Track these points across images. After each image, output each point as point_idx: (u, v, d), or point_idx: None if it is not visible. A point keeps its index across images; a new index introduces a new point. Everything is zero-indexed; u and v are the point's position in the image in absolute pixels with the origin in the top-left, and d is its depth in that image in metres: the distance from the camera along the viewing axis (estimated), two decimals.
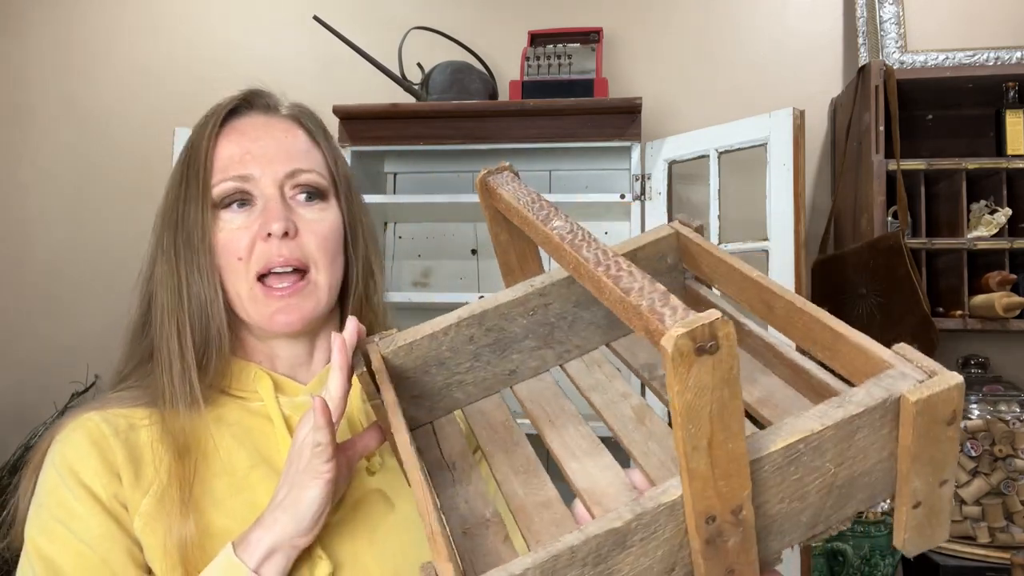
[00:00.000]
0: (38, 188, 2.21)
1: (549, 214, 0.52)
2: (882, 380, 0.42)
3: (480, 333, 0.59)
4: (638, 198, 1.70)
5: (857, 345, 0.45)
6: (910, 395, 0.40)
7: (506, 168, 0.61)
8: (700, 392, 0.35)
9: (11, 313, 2.19)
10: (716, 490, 0.38)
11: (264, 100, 0.79)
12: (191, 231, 0.72)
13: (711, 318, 0.34)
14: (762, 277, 0.53)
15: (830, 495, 0.42)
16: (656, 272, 0.61)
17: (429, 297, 1.82)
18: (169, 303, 0.72)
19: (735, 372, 0.35)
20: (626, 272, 0.41)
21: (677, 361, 0.34)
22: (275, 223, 0.71)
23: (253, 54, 2.15)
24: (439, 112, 1.73)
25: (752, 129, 1.58)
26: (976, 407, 1.63)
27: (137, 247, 2.20)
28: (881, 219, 1.66)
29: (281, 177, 0.74)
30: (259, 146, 0.74)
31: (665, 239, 0.61)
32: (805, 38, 1.97)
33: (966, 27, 1.88)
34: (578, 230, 0.48)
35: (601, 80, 1.74)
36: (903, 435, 0.41)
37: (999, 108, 1.76)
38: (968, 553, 1.57)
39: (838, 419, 0.40)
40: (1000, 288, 1.62)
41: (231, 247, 0.72)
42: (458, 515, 0.52)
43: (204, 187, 0.72)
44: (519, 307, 0.60)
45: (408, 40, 1.89)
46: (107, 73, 2.21)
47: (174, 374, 0.70)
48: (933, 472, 0.43)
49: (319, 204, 0.76)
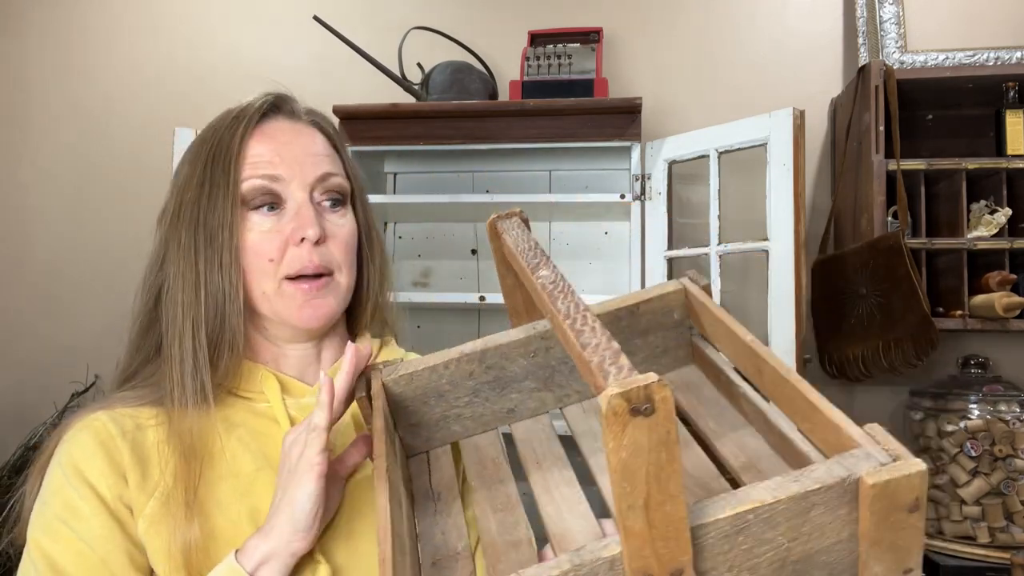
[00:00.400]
0: (38, 188, 2.21)
1: (540, 263, 0.53)
2: (845, 459, 0.42)
3: (480, 370, 0.61)
4: (638, 198, 1.70)
5: (830, 420, 0.45)
6: (868, 478, 0.40)
7: (516, 214, 0.63)
8: (636, 452, 0.36)
9: (11, 313, 2.19)
10: (654, 550, 0.38)
11: (290, 106, 0.80)
12: (215, 229, 0.71)
13: (648, 381, 0.35)
14: (754, 342, 0.53)
15: (783, 570, 0.42)
16: (662, 327, 0.63)
17: (429, 297, 1.82)
18: (184, 300, 0.71)
19: (672, 436, 0.36)
20: (589, 328, 0.42)
21: (611, 420, 0.35)
22: (310, 229, 0.72)
23: (253, 54, 2.15)
24: (439, 112, 1.73)
25: (752, 129, 1.58)
26: (976, 407, 1.63)
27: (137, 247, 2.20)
28: (881, 219, 1.66)
29: (311, 182, 0.74)
30: (288, 150, 0.74)
31: (672, 294, 0.62)
32: (805, 38, 1.97)
33: (966, 27, 1.88)
34: (560, 281, 0.50)
35: (601, 80, 1.74)
36: (861, 518, 0.41)
37: (999, 108, 1.76)
38: (968, 553, 1.57)
39: (792, 493, 0.40)
40: (1000, 288, 1.62)
41: (262, 249, 0.72)
42: (432, 545, 0.53)
43: (234, 184, 0.72)
44: (520, 348, 0.61)
45: (408, 40, 1.89)
46: (107, 73, 2.21)
47: (185, 371, 0.70)
48: (895, 559, 0.42)
49: (342, 210, 0.77)
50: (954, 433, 1.63)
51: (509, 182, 1.97)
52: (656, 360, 0.64)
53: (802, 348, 1.49)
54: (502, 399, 0.63)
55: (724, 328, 0.57)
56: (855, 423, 0.45)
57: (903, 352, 1.58)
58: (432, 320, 1.97)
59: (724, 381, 0.59)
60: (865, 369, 1.66)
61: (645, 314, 0.62)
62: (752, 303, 1.85)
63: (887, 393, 1.86)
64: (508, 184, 1.97)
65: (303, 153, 0.75)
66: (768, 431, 0.53)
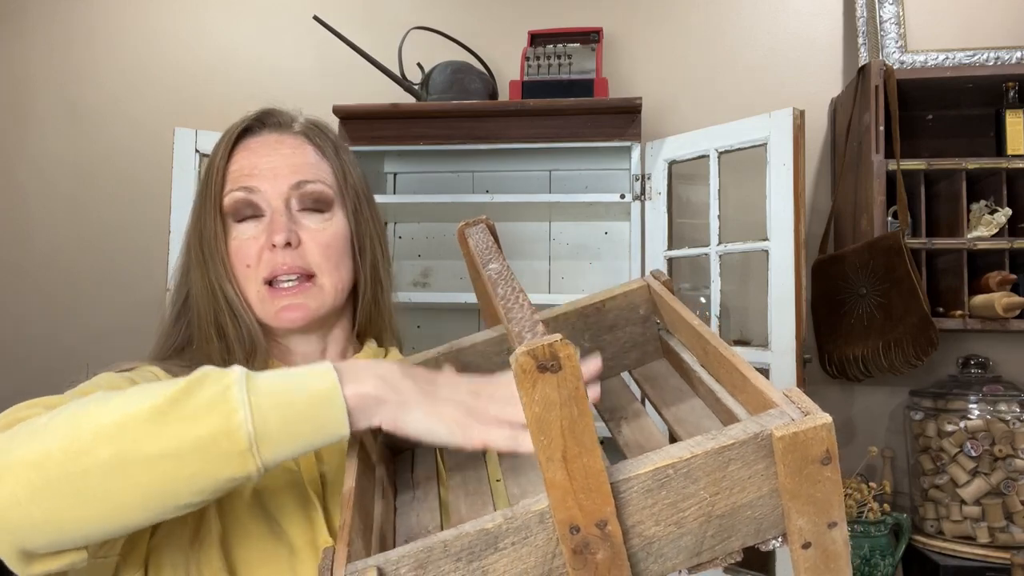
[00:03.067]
0: (38, 188, 2.21)
1: (491, 258, 0.57)
2: (761, 418, 0.44)
3: (458, 368, 0.64)
4: (638, 198, 1.70)
5: (756, 388, 0.48)
6: (777, 431, 0.42)
7: (482, 221, 0.68)
8: (548, 407, 0.39)
9: (11, 313, 2.19)
10: (577, 501, 0.41)
11: (276, 119, 0.84)
12: (210, 241, 0.78)
13: (551, 340, 0.38)
14: (701, 326, 0.57)
15: (710, 524, 0.44)
16: (629, 322, 0.66)
17: (429, 297, 1.82)
18: (208, 305, 0.77)
19: (581, 391, 0.39)
20: (518, 306, 0.46)
21: (520, 376, 0.38)
22: (278, 235, 0.76)
23: (253, 54, 2.15)
24: (439, 112, 1.73)
25: (752, 129, 1.58)
26: (976, 407, 1.63)
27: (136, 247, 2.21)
28: (881, 219, 1.66)
29: (286, 190, 0.78)
30: (266, 162, 0.79)
31: (636, 291, 0.66)
32: (805, 38, 1.97)
33: (966, 27, 1.88)
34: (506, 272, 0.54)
35: (601, 80, 1.74)
36: (778, 472, 0.43)
37: (999, 108, 1.76)
38: (968, 553, 1.57)
39: (708, 448, 0.43)
40: (1000, 288, 1.62)
41: (240, 255, 0.77)
42: (407, 526, 0.57)
43: (216, 198, 0.78)
44: (495, 346, 0.65)
45: (408, 40, 1.89)
46: (107, 73, 2.21)
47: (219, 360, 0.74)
48: (817, 512, 0.44)
49: (323, 215, 0.80)
50: (954, 433, 1.63)
51: (509, 182, 1.97)
52: (625, 355, 0.67)
53: (802, 348, 1.49)
54: None
55: (677, 316, 0.60)
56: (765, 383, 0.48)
57: (903, 352, 1.58)
58: (432, 320, 1.97)
59: (685, 369, 0.62)
60: (865, 369, 1.66)
61: (611, 311, 0.65)
62: (752, 303, 1.85)
63: (887, 393, 1.86)
64: (508, 184, 1.97)
65: (281, 163, 0.79)
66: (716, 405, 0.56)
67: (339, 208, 0.82)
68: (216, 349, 0.76)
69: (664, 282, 0.65)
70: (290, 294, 0.76)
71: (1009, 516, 1.58)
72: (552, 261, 1.98)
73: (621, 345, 0.66)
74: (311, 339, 0.82)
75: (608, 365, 0.66)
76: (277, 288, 0.77)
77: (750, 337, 1.82)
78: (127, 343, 2.07)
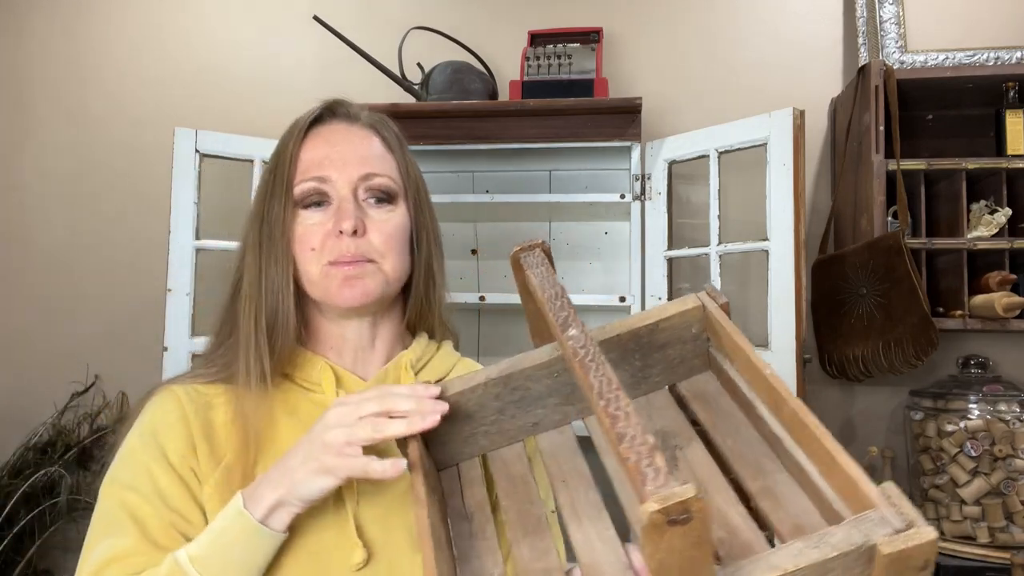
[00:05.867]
0: (38, 188, 2.21)
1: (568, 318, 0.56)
2: (862, 524, 0.44)
3: (506, 392, 0.64)
4: (638, 198, 1.70)
5: (849, 476, 0.47)
6: (884, 547, 0.42)
7: (538, 245, 0.66)
8: (671, 553, 0.39)
9: (11, 313, 2.19)
10: None
11: (345, 109, 0.87)
12: (273, 225, 0.81)
13: (685, 496, 0.38)
14: (773, 376, 0.55)
15: None
16: (681, 340, 0.65)
17: None
18: (250, 290, 0.81)
19: (705, 538, 0.39)
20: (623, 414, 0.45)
21: (650, 531, 0.38)
22: (345, 222, 0.79)
23: (253, 54, 2.15)
24: (439, 112, 1.73)
25: (752, 129, 1.58)
26: (976, 407, 1.63)
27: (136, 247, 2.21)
28: (881, 219, 1.66)
29: (355, 180, 0.82)
30: (337, 151, 0.82)
31: (692, 311, 0.65)
32: (805, 38, 1.97)
33: (966, 27, 1.88)
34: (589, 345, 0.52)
35: (601, 80, 1.74)
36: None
37: (999, 108, 1.76)
38: (968, 553, 1.57)
39: (813, 560, 0.42)
40: (1000, 288, 1.62)
41: (305, 239, 0.81)
42: (470, 569, 0.57)
43: (287, 187, 0.81)
44: (544, 370, 0.64)
45: (408, 40, 1.89)
46: (107, 73, 2.21)
47: (250, 355, 0.78)
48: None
49: (388, 206, 0.83)
50: (954, 433, 1.63)
51: (509, 182, 1.97)
52: (673, 370, 0.66)
53: (802, 348, 1.49)
54: (527, 415, 0.65)
55: (743, 355, 0.59)
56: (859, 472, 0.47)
57: (903, 352, 1.58)
58: None
59: (741, 398, 0.60)
60: (865, 369, 1.66)
61: (665, 330, 0.64)
62: (752, 303, 1.85)
63: (887, 393, 1.86)
64: (508, 184, 1.97)
65: (351, 153, 0.83)
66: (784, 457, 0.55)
67: (402, 201, 0.85)
68: (253, 341, 0.79)
69: (722, 304, 0.64)
70: (351, 271, 0.79)
71: (1009, 516, 1.58)
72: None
73: (670, 362, 0.66)
74: (363, 325, 0.85)
75: (655, 381, 0.66)
76: (340, 265, 0.80)
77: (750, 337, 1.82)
78: (127, 343, 2.09)
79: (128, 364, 2.08)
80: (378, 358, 0.86)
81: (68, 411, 2.07)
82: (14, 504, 1.85)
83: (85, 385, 2.10)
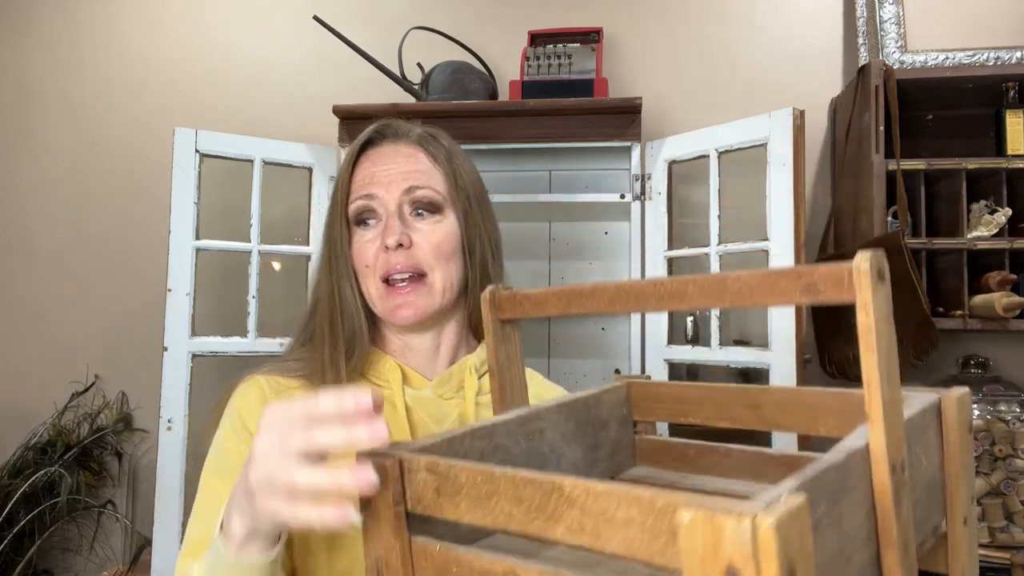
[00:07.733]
0: (38, 188, 2.21)
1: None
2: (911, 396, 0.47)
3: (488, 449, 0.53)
4: (638, 198, 1.70)
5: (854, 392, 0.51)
6: (947, 397, 0.47)
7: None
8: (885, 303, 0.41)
9: (11, 313, 2.19)
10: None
11: (393, 130, 0.92)
12: (335, 245, 0.88)
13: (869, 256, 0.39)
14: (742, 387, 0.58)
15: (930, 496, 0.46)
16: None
17: None
18: (326, 304, 0.87)
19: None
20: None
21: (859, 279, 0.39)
22: (390, 237, 0.84)
23: (253, 54, 2.15)
24: (439, 112, 1.73)
25: (752, 129, 1.58)
26: (976, 407, 1.63)
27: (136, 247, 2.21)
28: (881, 219, 1.66)
29: (398, 195, 0.86)
30: (383, 170, 0.88)
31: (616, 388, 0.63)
32: (805, 38, 1.97)
33: (966, 27, 1.88)
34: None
35: (601, 80, 1.74)
36: (947, 431, 0.47)
37: (999, 108, 1.76)
38: None
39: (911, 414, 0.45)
40: (1000, 288, 1.62)
41: (360, 256, 0.87)
42: None
43: (343, 207, 0.88)
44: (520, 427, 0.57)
45: (408, 40, 1.89)
46: (107, 73, 2.21)
47: (326, 359, 0.83)
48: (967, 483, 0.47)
49: (435, 216, 0.88)
50: None
51: (509, 182, 1.97)
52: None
53: (802, 348, 1.49)
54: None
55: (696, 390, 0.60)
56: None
57: (903, 352, 1.58)
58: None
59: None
60: None
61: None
62: None
63: None
64: (508, 184, 1.97)
65: (396, 171, 0.87)
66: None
67: (450, 210, 0.88)
68: (328, 343, 0.84)
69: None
70: (403, 293, 0.85)
71: (1009, 516, 1.58)
72: (552, 261, 1.98)
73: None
74: (426, 336, 0.89)
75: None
76: (393, 286, 0.85)
77: (750, 337, 1.82)
78: (127, 343, 2.09)
79: (128, 364, 2.09)
80: (443, 362, 0.91)
81: (68, 411, 2.08)
82: (14, 504, 1.85)
83: (85, 385, 2.10)
